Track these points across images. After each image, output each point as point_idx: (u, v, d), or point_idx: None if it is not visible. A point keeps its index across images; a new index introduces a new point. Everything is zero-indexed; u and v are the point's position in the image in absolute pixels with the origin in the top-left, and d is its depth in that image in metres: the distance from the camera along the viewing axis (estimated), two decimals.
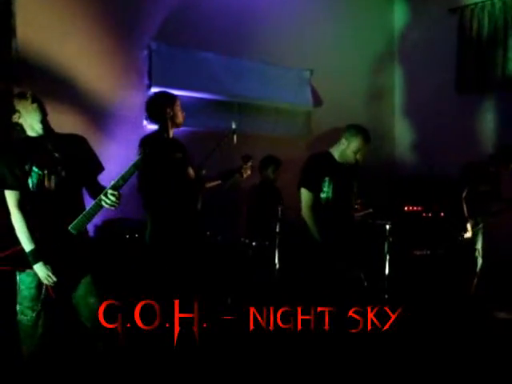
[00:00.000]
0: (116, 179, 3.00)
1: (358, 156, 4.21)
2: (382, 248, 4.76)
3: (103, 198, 2.99)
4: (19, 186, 3.04)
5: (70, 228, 3.05)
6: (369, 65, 7.57)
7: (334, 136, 4.34)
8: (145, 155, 3.07)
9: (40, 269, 3.02)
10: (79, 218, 3.06)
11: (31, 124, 3.09)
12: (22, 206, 3.05)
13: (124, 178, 3.01)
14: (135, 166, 3.01)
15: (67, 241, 3.06)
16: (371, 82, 7.63)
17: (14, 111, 3.07)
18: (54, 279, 3.03)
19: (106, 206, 3.01)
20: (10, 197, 3.05)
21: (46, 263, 3.02)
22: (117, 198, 3.00)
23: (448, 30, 7.07)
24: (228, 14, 6.09)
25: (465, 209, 5.33)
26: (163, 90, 4.43)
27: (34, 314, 3.11)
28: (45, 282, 3.04)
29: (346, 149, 4.20)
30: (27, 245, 3.02)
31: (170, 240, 4.00)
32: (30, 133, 3.12)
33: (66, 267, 3.09)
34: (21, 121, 3.09)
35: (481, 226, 5.48)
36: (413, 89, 7.72)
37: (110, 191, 2.99)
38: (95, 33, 5.19)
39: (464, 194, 5.35)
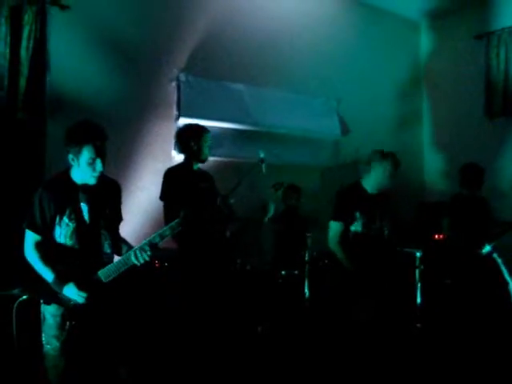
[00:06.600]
0: (152, 236, 3.01)
1: (391, 179, 4.17)
2: (412, 276, 4.68)
3: (138, 253, 2.96)
4: (44, 232, 2.99)
5: (99, 274, 3.01)
6: (396, 93, 7.58)
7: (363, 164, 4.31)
8: (182, 219, 3.01)
9: (69, 289, 2.92)
10: (109, 265, 3.04)
11: None
12: (39, 247, 2.99)
13: (161, 236, 3.01)
14: (171, 227, 3.02)
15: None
16: (399, 110, 7.62)
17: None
18: (85, 294, 2.92)
19: (137, 261, 2.98)
20: (31, 237, 3.00)
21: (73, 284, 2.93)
22: (148, 256, 2.98)
23: (475, 56, 7.06)
24: (255, 45, 6.19)
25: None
26: (193, 123, 4.40)
27: (58, 343, 2.96)
28: (78, 300, 2.92)
29: (379, 175, 4.17)
30: (49, 275, 2.94)
31: (198, 267, 4.01)
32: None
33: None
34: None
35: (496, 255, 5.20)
36: (441, 115, 7.69)
37: (146, 248, 2.97)
38: (125, 65, 5.32)
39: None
